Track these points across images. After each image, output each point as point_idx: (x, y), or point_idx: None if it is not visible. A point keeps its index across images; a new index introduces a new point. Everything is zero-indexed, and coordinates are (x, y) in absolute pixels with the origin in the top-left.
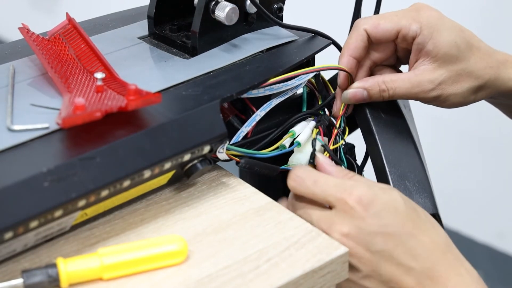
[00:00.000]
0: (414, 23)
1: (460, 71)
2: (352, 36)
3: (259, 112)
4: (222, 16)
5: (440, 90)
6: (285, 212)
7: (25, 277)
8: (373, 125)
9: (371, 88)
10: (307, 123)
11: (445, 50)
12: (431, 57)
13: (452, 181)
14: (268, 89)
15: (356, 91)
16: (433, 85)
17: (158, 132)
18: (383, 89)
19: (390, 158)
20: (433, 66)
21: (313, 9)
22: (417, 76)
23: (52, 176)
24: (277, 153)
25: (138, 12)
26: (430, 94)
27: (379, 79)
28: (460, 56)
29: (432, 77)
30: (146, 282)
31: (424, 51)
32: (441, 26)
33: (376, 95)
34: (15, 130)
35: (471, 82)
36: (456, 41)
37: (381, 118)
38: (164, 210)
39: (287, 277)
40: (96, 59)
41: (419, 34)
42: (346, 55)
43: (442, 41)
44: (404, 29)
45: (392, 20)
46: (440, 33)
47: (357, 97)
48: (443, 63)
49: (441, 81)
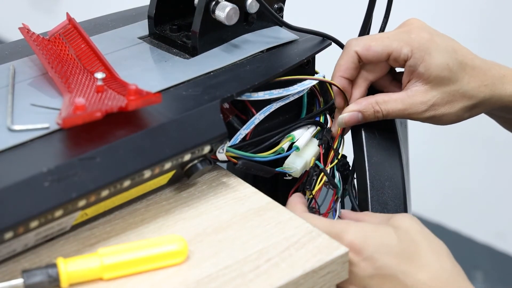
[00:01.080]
0: (405, 46)
1: (454, 92)
2: (343, 57)
3: (258, 116)
4: (222, 16)
5: (433, 111)
6: (285, 212)
7: (25, 277)
8: (365, 145)
9: (365, 110)
10: (307, 127)
11: (437, 72)
12: (423, 79)
13: (452, 181)
14: (268, 94)
15: (351, 114)
16: (425, 106)
17: (158, 132)
18: (377, 110)
19: (374, 184)
20: (425, 88)
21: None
22: (410, 97)
23: (52, 176)
24: (275, 156)
25: (138, 12)
26: (423, 115)
27: (372, 100)
28: (452, 77)
29: (425, 99)
30: (146, 282)
31: (416, 73)
32: (432, 48)
33: (370, 117)
34: (15, 130)
35: (465, 102)
36: (448, 63)
37: (375, 138)
38: (164, 210)
39: (287, 277)
40: (96, 59)
41: (410, 57)
42: (337, 76)
43: (434, 64)
44: (395, 52)
45: (383, 43)
46: (431, 56)
47: (352, 121)
48: (436, 85)
49: (434, 103)
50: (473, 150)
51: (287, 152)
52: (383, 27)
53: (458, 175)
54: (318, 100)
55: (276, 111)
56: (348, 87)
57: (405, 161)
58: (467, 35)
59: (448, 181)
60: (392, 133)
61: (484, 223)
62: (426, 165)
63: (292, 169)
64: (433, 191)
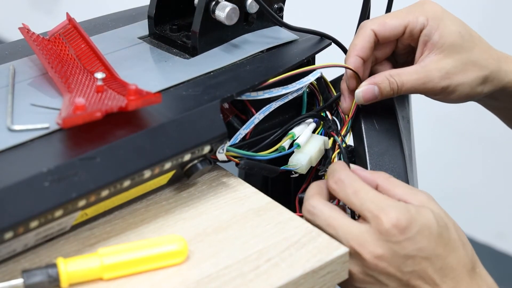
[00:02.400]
0: (421, 16)
1: (466, 60)
2: (359, 36)
3: (258, 115)
4: (222, 16)
5: (448, 80)
6: (285, 212)
7: (25, 277)
8: (365, 136)
9: (381, 82)
10: (307, 125)
11: (451, 40)
12: (437, 48)
13: (452, 180)
14: (267, 93)
15: (367, 88)
16: (440, 73)
17: (158, 132)
18: (392, 82)
19: None
20: (439, 56)
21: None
22: (424, 67)
23: (53, 176)
24: (276, 155)
25: (138, 12)
26: (438, 85)
27: (386, 73)
28: (464, 45)
29: (439, 66)
30: (146, 282)
31: (430, 42)
32: (445, 17)
33: (386, 89)
34: (15, 130)
35: (477, 71)
36: (460, 31)
37: (375, 130)
38: (164, 210)
39: (287, 277)
40: (96, 59)
41: (426, 25)
42: (353, 55)
43: (448, 31)
44: (411, 23)
45: (398, 16)
46: (445, 24)
47: (369, 95)
48: (449, 53)
49: (448, 70)
50: (473, 150)
51: (288, 150)
52: None
53: (458, 175)
54: (317, 98)
55: (275, 110)
56: (361, 67)
57: (408, 154)
58: None
59: (448, 181)
60: (392, 125)
61: (484, 223)
62: (426, 165)
63: (297, 166)
64: (433, 191)
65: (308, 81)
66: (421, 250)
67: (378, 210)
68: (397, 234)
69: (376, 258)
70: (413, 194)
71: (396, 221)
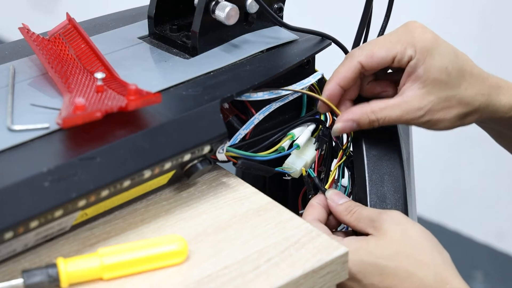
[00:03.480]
0: (409, 47)
1: (450, 97)
2: (344, 66)
3: (258, 116)
4: (222, 16)
5: (429, 116)
6: (285, 212)
7: (25, 277)
8: (363, 140)
9: (360, 119)
10: (307, 126)
11: (435, 75)
12: (421, 82)
13: (452, 180)
14: (267, 94)
15: (345, 125)
16: (422, 112)
17: (158, 132)
18: (373, 120)
19: (373, 178)
20: (422, 92)
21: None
22: (406, 103)
23: (52, 176)
24: (276, 155)
25: (138, 12)
26: (419, 120)
27: (367, 109)
28: (450, 82)
29: (422, 105)
30: (146, 282)
31: (414, 75)
32: (434, 50)
33: (365, 126)
34: (15, 130)
35: (460, 108)
36: (447, 67)
37: (373, 133)
38: (164, 210)
39: (287, 277)
40: (96, 59)
41: (413, 57)
42: (334, 83)
43: (433, 66)
44: (399, 54)
45: (386, 47)
46: (432, 58)
47: (347, 130)
48: (432, 89)
49: (430, 108)
50: (473, 150)
51: (287, 150)
52: (384, 27)
53: (458, 175)
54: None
55: (275, 111)
56: (338, 95)
57: (406, 157)
58: (467, 35)
59: (448, 181)
60: (391, 128)
61: (484, 223)
62: (426, 165)
63: (292, 170)
64: (433, 191)
65: (309, 82)
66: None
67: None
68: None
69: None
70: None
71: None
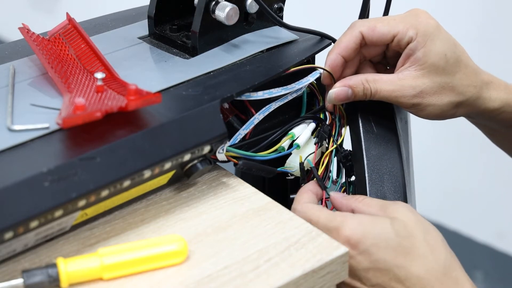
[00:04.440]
0: (411, 29)
1: (444, 84)
2: (346, 35)
3: (258, 116)
4: (222, 16)
5: (420, 99)
6: (285, 212)
7: (25, 277)
8: (363, 139)
9: (355, 85)
10: (307, 125)
11: (433, 60)
12: (419, 65)
13: (452, 181)
14: (267, 93)
15: (341, 89)
16: (414, 91)
17: (158, 132)
18: (367, 88)
19: (372, 177)
20: (418, 73)
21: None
22: (400, 80)
23: (52, 176)
24: (276, 155)
25: (138, 12)
26: (409, 101)
27: (362, 77)
28: (446, 69)
29: (414, 84)
30: (146, 282)
31: (413, 57)
32: (436, 36)
33: (359, 93)
34: (15, 130)
35: (453, 96)
36: (446, 53)
37: (373, 133)
38: (164, 210)
39: (287, 277)
40: (96, 59)
41: (414, 39)
42: (335, 53)
43: (434, 51)
44: (400, 34)
45: (389, 24)
46: (433, 43)
47: (342, 96)
48: (429, 72)
49: (423, 90)
50: (473, 150)
51: (287, 150)
52: None
53: (458, 175)
54: (317, 99)
55: (275, 111)
56: (341, 66)
57: (405, 156)
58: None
59: (448, 181)
60: (391, 127)
61: (484, 223)
62: (426, 165)
63: (294, 169)
64: (433, 191)
65: (307, 81)
66: (377, 262)
67: (329, 233)
68: (350, 250)
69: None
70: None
71: (347, 238)
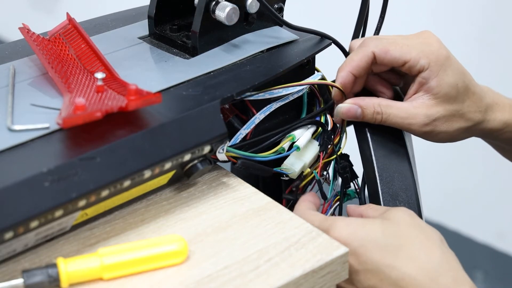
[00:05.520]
0: (424, 58)
1: (455, 112)
2: (358, 54)
3: (258, 115)
4: (222, 16)
5: (433, 126)
6: (285, 212)
7: (25, 277)
8: (370, 140)
9: (366, 107)
10: (307, 127)
11: (447, 90)
12: (432, 94)
13: (452, 181)
14: (268, 93)
15: (351, 107)
16: (428, 120)
17: (158, 132)
18: (378, 112)
19: (383, 176)
20: (431, 102)
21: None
22: (415, 108)
23: (53, 176)
24: (276, 156)
25: (138, 12)
26: (422, 129)
27: (375, 101)
28: (458, 98)
29: (429, 113)
30: (146, 282)
31: (426, 86)
32: (447, 66)
33: (369, 116)
34: (15, 130)
35: (462, 123)
36: (457, 83)
37: (379, 133)
38: (165, 210)
39: (287, 277)
40: (97, 59)
41: (426, 69)
42: (347, 71)
43: (446, 81)
44: (412, 61)
45: (402, 49)
46: (445, 73)
47: (350, 114)
48: (442, 102)
49: (436, 118)
50: (473, 150)
51: (287, 152)
52: (379, 27)
53: (458, 175)
54: (318, 100)
55: (276, 111)
56: (351, 83)
57: (411, 155)
58: (468, 35)
59: (448, 181)
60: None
61: (484, 223)
62: (426, 165)
63: (290, 171)
64: (433, 191)
65: (308, 82)
66: (365, 263)
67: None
68: None
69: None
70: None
71: (336, 239)
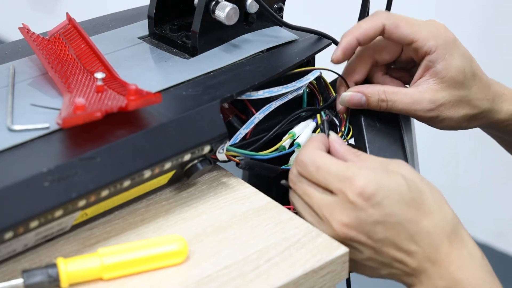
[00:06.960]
0: (432, 40)
1: (461, 97)
2: (367, 22)
3: (258, 115)
4: (222, 16)
5: (438, 112)
6: (285, 212)
7: (25, 277)
8: (365, 132)
9: (371, 95)
10: (307, 124)
11: (453, 74)
12: (438, 78)
13: (451, 180)
14: (267, 92)
15: (355, 94)
16: (433, 105)
17: (158, 132)
18: (383, 99)
19: None
20: (437, 87)
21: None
22: (420, 93)
23: (53, 176)
24: (277, 154)
25: (138, 12)
26: (428, 114)
27: (380, 88)
28: (464, 83)
29: (434, 98)
30: (146, 282)
31: (432, 70)
32: (454, 50)
33: (374, 103)
34: (15, 130)
35: (468, 109)
36: (464, 68)
37: (375, 127)
38: (164, 210)
39: (287, 277)
40: (96, 59)
41: (433, 52)
42: (353, 36)
43: (453, 65)
44: (420, 41)
45: (412, 27)
46: (452, 57)
47: (355, 101)
48: (448, 86)
49: (442, 103)
50: (473, 149)
51: (288, 149)
52: None
53: (458, 175)
54: (317, 98)
55: (275, 110)
56: (353, 49)
57: (409, 151)
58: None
59: (448, 181)
60: (393, 121)
61: (484, 223)
62: (426, 165)
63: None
64: None
65: (307, 80)
66: (389, 215)
67: (342, 182)
68: (362, 202)
69: (344, 226)
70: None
71: (361, 189)
